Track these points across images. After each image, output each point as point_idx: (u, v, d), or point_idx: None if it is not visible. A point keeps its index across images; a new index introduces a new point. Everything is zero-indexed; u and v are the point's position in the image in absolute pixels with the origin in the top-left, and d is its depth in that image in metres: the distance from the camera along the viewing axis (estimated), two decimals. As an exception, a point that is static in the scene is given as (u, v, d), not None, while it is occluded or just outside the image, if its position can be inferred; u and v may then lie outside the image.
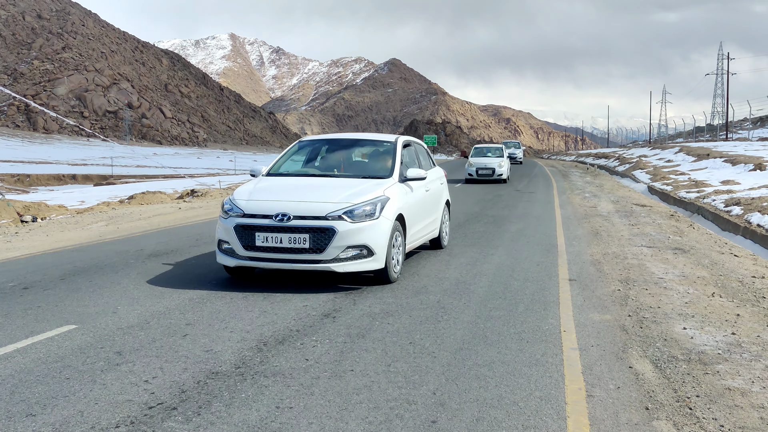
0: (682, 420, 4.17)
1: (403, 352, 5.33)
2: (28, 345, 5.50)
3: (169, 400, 4.32)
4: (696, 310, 6.88)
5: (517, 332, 5.96)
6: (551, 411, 4.22)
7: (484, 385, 4.63)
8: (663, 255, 10.29)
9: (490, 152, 32.04)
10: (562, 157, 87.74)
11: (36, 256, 10.20)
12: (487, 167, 29.58)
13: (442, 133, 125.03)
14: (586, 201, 20.17)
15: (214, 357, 5.20)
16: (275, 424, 3.96)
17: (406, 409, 4.20)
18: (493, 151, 32.26)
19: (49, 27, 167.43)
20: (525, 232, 12.87)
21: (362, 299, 7.14)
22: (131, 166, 76.33)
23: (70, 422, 3.97)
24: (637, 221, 14.77)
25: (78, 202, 25.32)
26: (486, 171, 29.56)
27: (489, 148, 33.01)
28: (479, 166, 29.80)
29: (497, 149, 32.49)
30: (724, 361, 5.27)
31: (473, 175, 29.86)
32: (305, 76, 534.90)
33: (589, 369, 5.04)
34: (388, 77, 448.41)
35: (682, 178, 25.42)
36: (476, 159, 30.77)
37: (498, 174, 29.37)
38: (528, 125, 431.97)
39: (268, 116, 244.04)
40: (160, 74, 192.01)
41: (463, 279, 8.29)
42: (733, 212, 15.26)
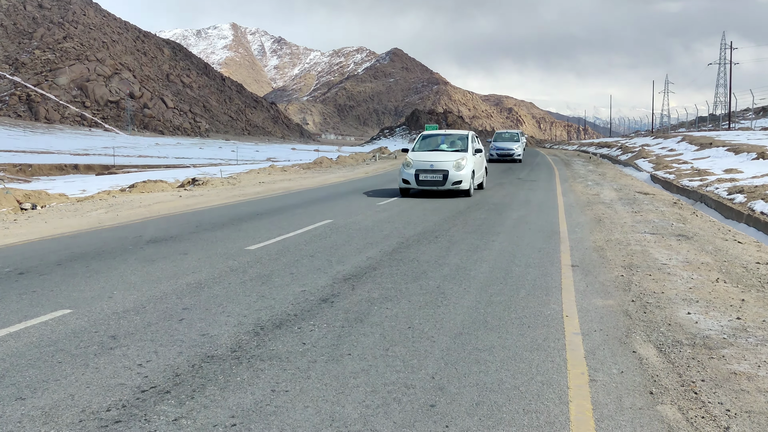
0: (687, 404, 4.08)
1: (401, 337, 5.24)
2: (21, 329, 5.41)
3: (163, 383, 4.23)
4: (700, 296, 6.78)
5: (518, 317, 5.86)
6: (553, 395, 4.13)
7: (485, 370, 4.53)
8: (666, 241, 10.18)
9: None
10: (564, 147, 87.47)
11: (34, 242, 10.11)
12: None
13: (444, 122, 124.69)
14: (589, 189, 20.04)
15: (210, 341, 5.11)
16: (270, 408, 3.87)
17: (404, 393, 4.11)
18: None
19: (50, 16, 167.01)
20: (527, 219, 12.76)
21: (361, 285, 7.05)
22: (133, 156, 76.31)
23: (60, 406, 3.88)
24: (640, 208, 14.65)
25: (79, 191, 25.27)
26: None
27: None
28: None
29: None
30: (729, 346, 5.17)
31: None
32: (307, 66, 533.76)
33: (592, 354, 4.94)
34: (389, 67, 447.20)
35: (685, 167, 25.26)
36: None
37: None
38: (530, 115, 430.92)
39: (270, 106, 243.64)
40: (161, 64, 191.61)
41: (464, 265, 8.19)
42: (736, 200, 15.12)
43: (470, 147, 18.13)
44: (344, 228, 11.22)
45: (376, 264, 8.20)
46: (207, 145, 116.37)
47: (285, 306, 6.16)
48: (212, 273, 7.56)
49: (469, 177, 16.90)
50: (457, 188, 16.64)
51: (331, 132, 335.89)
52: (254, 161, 63.00)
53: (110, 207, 15.46)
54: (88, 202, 17.31)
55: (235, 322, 5.61)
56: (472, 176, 17.14)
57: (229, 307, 6.12)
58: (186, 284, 7.00)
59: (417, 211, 13.80)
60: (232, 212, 13.76)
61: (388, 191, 19.06)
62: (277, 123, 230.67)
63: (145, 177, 32.31)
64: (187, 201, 16.82)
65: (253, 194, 18.74)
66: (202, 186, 22.89)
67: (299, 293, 6.66)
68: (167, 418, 3.72)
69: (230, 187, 21.76)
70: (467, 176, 16.80)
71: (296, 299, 6.41)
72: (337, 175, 27.46)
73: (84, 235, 10.67)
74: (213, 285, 6.97)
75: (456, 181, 16.61)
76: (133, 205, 15.92)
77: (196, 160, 70.45)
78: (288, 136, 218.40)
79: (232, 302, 6.28)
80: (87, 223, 12.50)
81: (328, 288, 6.89)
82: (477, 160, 18.39)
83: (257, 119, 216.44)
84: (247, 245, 9.43)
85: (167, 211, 14.45)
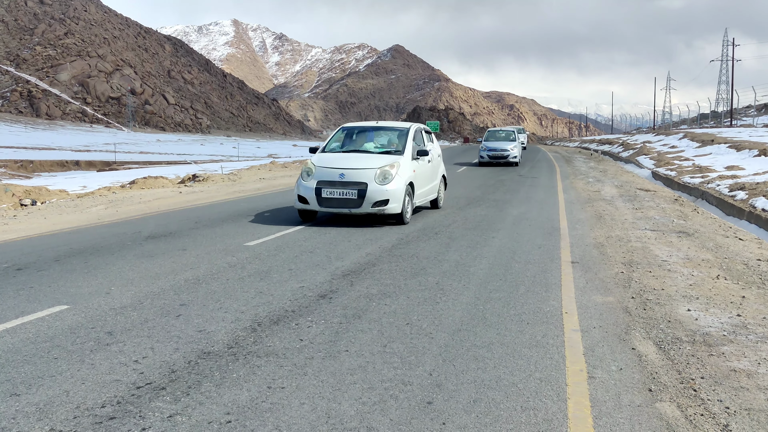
0: (686, 402, 4.05)
1: (399, 333, 5.21)
2: (18, 325, 5.39)
3: (158, 380, 4.21)
4: (701, 292, 6.74)
5: (517, 314, 5.83)
6: (551, 392, 4.10)
7: (483, 367, 4.50)
8: (667, 238, 10.15)
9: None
10: (565, 144, 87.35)
11: (32, 238, 10.09)
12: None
13: (445, 119, 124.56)
14: (590, 186, 19.99)
15: (207, 337, 5.08)
16: (266, 404, 3.85)
17: (401, 389, 4.08)
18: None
19: (51, 12, 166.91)
20: (527, 215, 12.72)
21: (360, 280, 7.02)
22: (134, 152, 76.28)
23: (55, 402, 3.86)
24: (641, 205, 14.61)
25: (80, 187, 25.24)
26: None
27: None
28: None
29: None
30: (729, 343, 5.14)
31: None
32: (308, 63, 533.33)
33: (591, 350, 4.91)
34: (391, 64, 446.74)
35: (687, 164, 25.20)
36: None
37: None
38: (532, 112, 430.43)
39: (272, 103, 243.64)
40: (162, 60, 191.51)
41: (463, 261, 8.16)
42: (737, 197, 15.08)
43: (408, 147, 11.95)
44: (344, 224, 11.17)
45: (375, 260, 8.17)
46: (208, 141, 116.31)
47: (283, 302, 6.13)
48: (210, 269, 7.53)
49: (401, 194, 10.97)
50: (380, 211, 10.80)
51: (332, 129, 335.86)
52: (255, 158, 62.96)
53: (110, 203, 15.44)
54: (88, 198, 17.29)
55: (233, 318, 5.58)
56: (406, 193, 11.19)
57: (226, 303, 6.09)
58: (184, 280, 6.97)
59: (417, 207, 13.77)
60: (232, 208, 13.73)
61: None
62: (278, 119, 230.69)
63: (146, 173, 32.29)
64: (187, 197, 16.79)
65: (254, 190, 18.70)
66: (202, 182, 22.86)
67: (297, 289, 6.63)
68: (162, 415, 3.69)
69: (231, 184, 21.74)
70: (397, 193, 10.91)
71: (294, 295, 6.39)
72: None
73: (83, 231, 10.65)
74: (211, 281, 6.94)
75: (378, 201, 10.75)
76: (133, 201, 15.89)
77: (197, 156, 70.41)
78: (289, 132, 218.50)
79: (229, 298, 6.25)
80: (86, 219, 12.47)
81: (327, 284, 6.86)
82: (421, 167, 12.27)
83: (259, 116, 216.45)
84: (246, 241, 9.40)
85: (167, 207, 14.42)
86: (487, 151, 30.75)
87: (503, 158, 30.28)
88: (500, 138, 32.34)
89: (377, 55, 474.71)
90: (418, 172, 12.02)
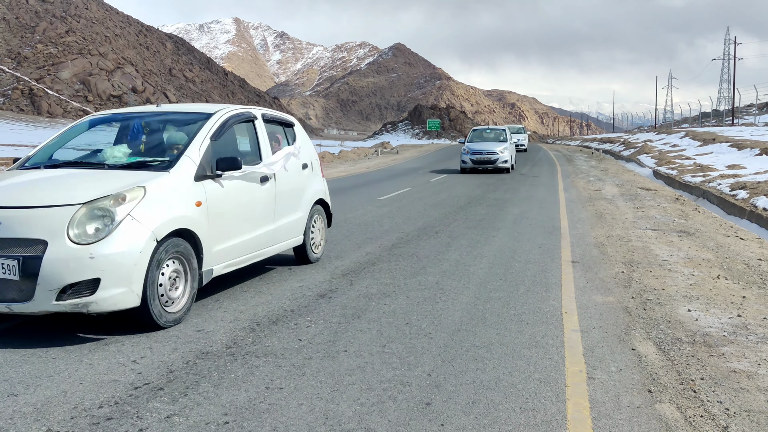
0: (686, 403, 4.03)
1: (398, 333, 5.19)
2: (16, 324, 5.38)
3: (156, 380, 4.19)
4: (701, 292, 6.73)
5: (517, 314, 5.81)
6: (550, 393, 4.08)
7: (482, 367, 4.49)
8: (668, 237, 10.12)
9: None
10: (567, 142, 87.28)
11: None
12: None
13: (446, 118, 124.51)
14: (591, 185, 19.97)
15: (206, 337, 5.07)
16: (264, 405, 3.83)
17: (399, 390, 4.07)
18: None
19: (52, 10, 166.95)
20: (528, 214, 12.70)
21: (359, 280, 7.00)
22: (135, 150, 76.22)
23: (52, 402, 3.84)
24: (642, 204, 14.58)
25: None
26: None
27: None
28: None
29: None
30: (729, 344, 5.12)
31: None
32: (309, 61, 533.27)
33: (591, 351, 4.89)
34: (392, 62, 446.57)
35: (688, 163, 25.17)
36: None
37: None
38: (533, 110, 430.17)
39: (273, 101, 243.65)
40: (164, 58, 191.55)
41: (463, 260, 8.14)
42: (738, 196, 15.05)
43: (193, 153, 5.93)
44: (344, 223, 11.17)
45: (375, 259, 8.15)
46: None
47: (282, 301, 6.12)
48: (210, 268, 7.51)
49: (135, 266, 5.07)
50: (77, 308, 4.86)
51: (333, 127, 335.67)
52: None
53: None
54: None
55: (231, 318, 5.57)
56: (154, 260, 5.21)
57: (225, 302, 6.08)
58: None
59: (418, 206, 13.75)
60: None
61: (389, 187, 19.00)
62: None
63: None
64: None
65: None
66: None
67: (297, 288, 6.62)
68: (159, 416, 3.68)
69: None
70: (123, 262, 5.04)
71: (293, 294, 6.37)
72: (339, 170, 27.39)
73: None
74: (210, 280, 6.92)
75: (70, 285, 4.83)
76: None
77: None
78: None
79: (228, 297, 6.24)
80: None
81: (326, 283, 6.85)
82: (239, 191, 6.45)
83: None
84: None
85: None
86: (470, 154, 25.07)
87: (490, 163, 24.73)
88: (487, 138, 26.56)
89: (378, 53, 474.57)
90: (226, 202, 6.12)
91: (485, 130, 27.72)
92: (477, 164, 24.92)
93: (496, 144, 25.50)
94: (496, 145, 25.30)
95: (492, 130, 27.52)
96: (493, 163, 24.78)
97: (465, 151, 25.44)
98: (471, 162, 25.02)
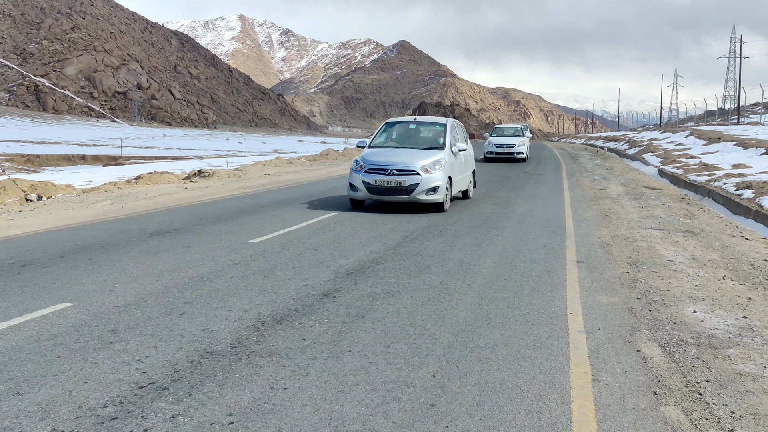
0: (691, 405, 4.02)
1: (403, 333, 5.19)
2: (22, 322, 5.38)
3: (161, 379, 4.20)
4: (706, 293, 6.70)
5: (521, 314, 5.80)
6: (555, 395, 4.08)
7: (486, 368, 4.48)
8: (673, 237, 10.10)
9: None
10: (572, 141, 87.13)
11: (37, 234, 10.10)
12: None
13: (451, 115, 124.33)
14: (596, 183, 19.93)
15: (210, 336, 5.07)
16: (268, 405, 3.83)
17: (404, 391, 4.07)
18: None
19: (58, 7, 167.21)
20: (533, 213, 12.68)
21: (364, 279, 7.00)
22: (141, 147, 76.36)
23: (57, 402, 3.85)
24: (647, 204, 14.55)
25: (86, 182, 25.28)
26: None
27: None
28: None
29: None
30: (735, 345, 5.10)
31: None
32: (314, 58, 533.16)
33: (596, 352, 4.88)
34: (396, 59, 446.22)
35: (693, 162, 25.09)
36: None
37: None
38: (538, 108, 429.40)
39: (277, 98, 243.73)
40: (169, 55, 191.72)
41: (468, 260, 8.13)
42: (744, 195, 15.00)
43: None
44: (349, 221, 11.16)
45: (379, 258, 8.15)
46: (214, 136, 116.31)
47: (286, 300, 6.12)
48: (215, 266, 7.53)
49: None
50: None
51: (338, 124, 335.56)
52: (261, 153, 62.96)
53: (115, 198, 15.45)
54: (94, 193, 17.32)
55: (236, 317, 5.57)
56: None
57: (230, 301, 6.08)
58: (188, 278, 6.97)
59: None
60: (236, 205, 13.73)
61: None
62: (284, 115, 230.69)
63: (151, 168, 32.30)
64: (192, 193, 16.80)
65: (259, 186, 18.70)
66: (207, 178, 22.86)
67: (301, 287, 6.62)
68: (164, 416, 3.68)
69: (236, 179, 21.73)
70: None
71: (298, 294, 6.37)
72: (343, 168, 27.39)
73: (88, 227, 10.66)
74: (215, 278, 6.94)
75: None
76: (139, 196, 15.90)
77: (203, 151, 70.43)
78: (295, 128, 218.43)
79: (233, 296, 6.25)
80: (92, 214, 12.48)
81: (331, 282, 6.85)
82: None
83: (264, 111, 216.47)
84: (250, 238, 9.39)
85: (172, 203, 14.43)
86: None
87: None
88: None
89: (383, 50, 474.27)
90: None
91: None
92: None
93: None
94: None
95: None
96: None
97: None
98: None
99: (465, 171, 14.46)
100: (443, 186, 12.30)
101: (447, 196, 12.55)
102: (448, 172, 12.70)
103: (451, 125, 14.11)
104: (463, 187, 14.59)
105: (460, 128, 14.87)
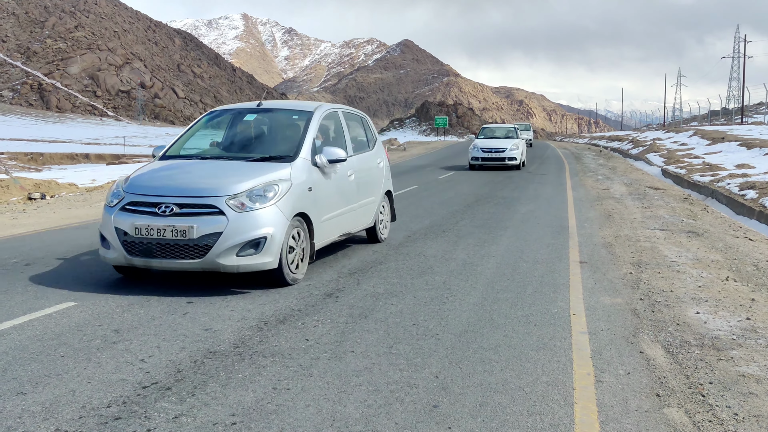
0: (695, 407, 4.01)
1: (405, 334, 5.19)
2: (25, 322, 5.40)
3: (164, 379, 4.20)
4: (710, 294, 6.70)
5: (524, 315, 5.80)
6: (558, 396, 4.07)
7: (489, 369, 4.48)
8: (676, 238, 10.08)
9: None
10: (575, 140, 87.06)
11: (41, 232, 10.12)
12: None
13: (454, 114, 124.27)
14: (599, 183, 19.91)
15: (213, 336, 5.08)
16: (271, 406, 3.84)
17: (406, 392, 4.07)
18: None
19: (61, 5, 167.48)
20: (535, 213, 12.67)
21: (366, 279, 7.00)
22: (144, 145, 76.46)
23: (61, 401, 3.86)
24: (651, 204, 14.53)
25: (89, 181, 25.33)
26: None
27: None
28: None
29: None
30: (738, 347, 5.09)
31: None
32: (317, 57, 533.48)
33: (599, 353, 4.88)
34: (400, 59, 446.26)
35: (696, 162, 25.06)
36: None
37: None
38: (541, 107, 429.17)
39: (281, 97, 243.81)
40: (172, 54, 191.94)
41: (470, 260, 8.13)
42: (747, 196, 14.98)
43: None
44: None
45: (382, 258, 8.15)
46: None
47: (289, 300, 6.12)
48: (218, 266, 7.52)
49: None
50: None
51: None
52: (264, 152, 62.94)
53: (118, 197, 15.47)
54: (97, 191, 17.35)
55: (239, 317, 5.58)
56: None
57: (233, 301, 6.09)
58: (192, 276, 6.97)
59: (425, 204, 13.74)
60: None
61: (396, 184, 18.98)
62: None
63: (154, 167, 32.28)
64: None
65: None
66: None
67: (304, 287, 6.62)
68: (167, 416, 3.69)
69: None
70: None
71: (301, 293, 6.38)
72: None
73: (92, 226, 10.67)
74: (218, 277, 6.94)
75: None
76: (142, 195, 15.92)
77: (205, 150, 70.45)
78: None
79: (236, 296, 6.25)
80: (95, 213, 12.51)
81: (333, 282, 6.85)
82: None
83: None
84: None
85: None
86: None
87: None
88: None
89: (386, 49, 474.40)
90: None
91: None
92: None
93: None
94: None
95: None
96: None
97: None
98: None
99: (361, 197, 8.49)
100: (278, 235, 6.38)
101: (288, 256, 6.59)
102: (300, 203, 6.80)
103: (323, 114, 8.06)
104: (360, 225, 8.65)
105: (355, 121, 9.13)
